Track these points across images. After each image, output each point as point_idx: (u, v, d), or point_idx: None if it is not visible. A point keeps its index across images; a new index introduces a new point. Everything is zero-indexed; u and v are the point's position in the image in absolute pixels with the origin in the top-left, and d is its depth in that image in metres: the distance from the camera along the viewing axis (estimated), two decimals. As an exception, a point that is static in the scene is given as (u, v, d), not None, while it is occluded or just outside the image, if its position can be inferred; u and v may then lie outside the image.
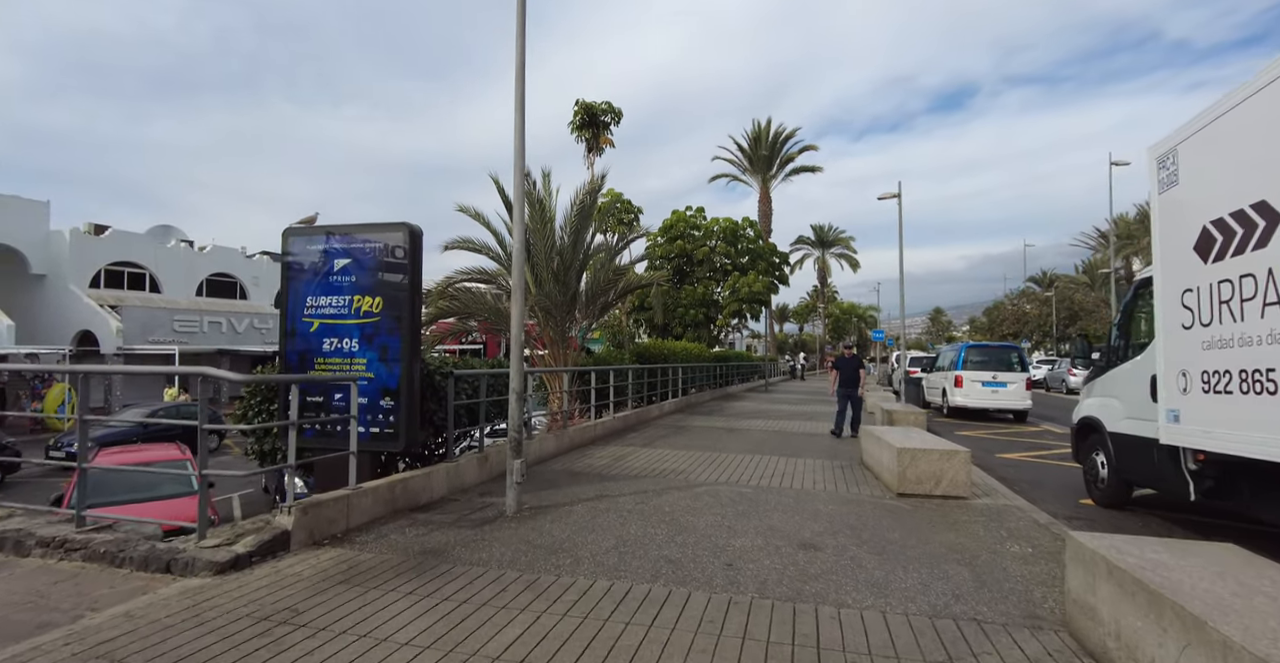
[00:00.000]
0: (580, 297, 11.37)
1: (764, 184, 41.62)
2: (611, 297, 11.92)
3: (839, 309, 78.96)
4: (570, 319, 11.41)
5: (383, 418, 5.75)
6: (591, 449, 9.39)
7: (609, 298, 11.89)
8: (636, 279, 12.02)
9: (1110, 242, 30.59)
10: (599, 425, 10.57)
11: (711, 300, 23.92)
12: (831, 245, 64.68)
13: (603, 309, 12.05)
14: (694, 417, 14.79)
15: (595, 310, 11.83)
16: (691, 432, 11.80)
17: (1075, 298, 40.63)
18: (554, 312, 11.17)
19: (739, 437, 11.26)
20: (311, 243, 6.05)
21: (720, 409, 17.19)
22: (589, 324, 12.21)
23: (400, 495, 5.56)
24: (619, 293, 11.95)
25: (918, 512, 6.01)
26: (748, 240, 24.69)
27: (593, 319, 12.08)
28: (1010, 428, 14.73)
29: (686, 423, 13.32)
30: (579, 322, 11.84)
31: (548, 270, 11.02)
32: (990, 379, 15.85)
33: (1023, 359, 16.16)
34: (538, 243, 11.21)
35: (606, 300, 11.91)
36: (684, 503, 6.05)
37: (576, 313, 11.57)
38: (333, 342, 5.91)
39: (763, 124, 40.78)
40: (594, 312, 11.84)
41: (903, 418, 12.08)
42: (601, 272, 11.55)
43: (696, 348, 20.02)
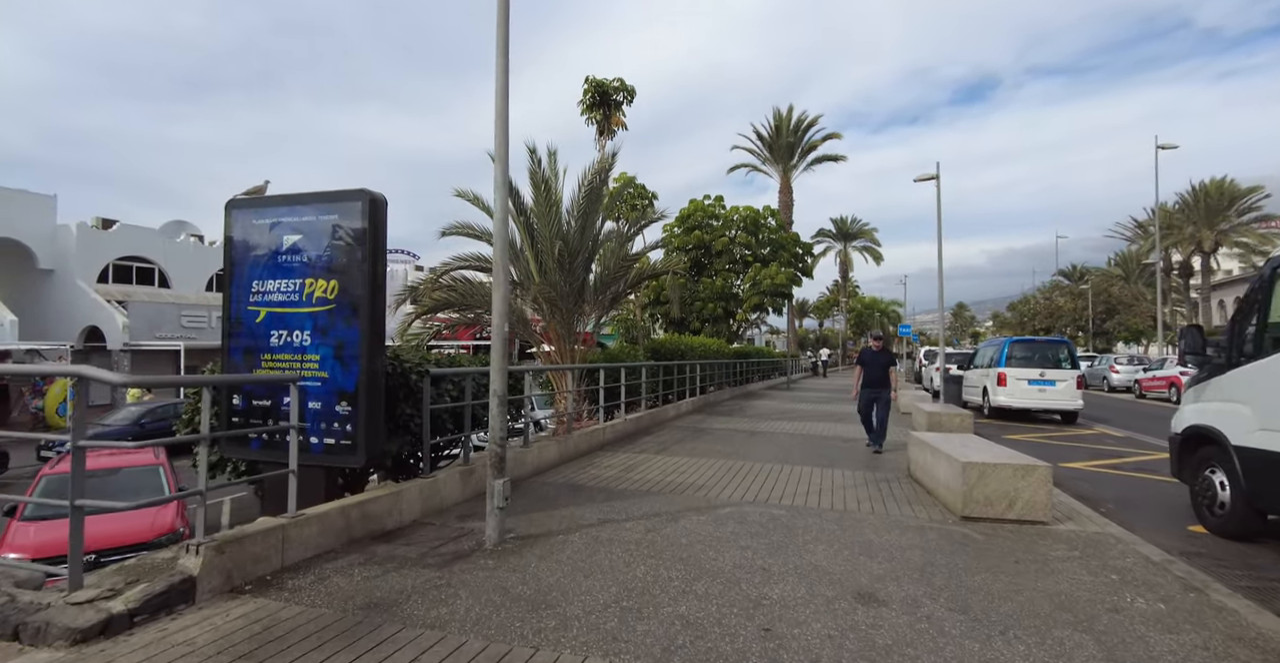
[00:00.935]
0: (589, 287, 10.32)
1: (785, 174, 40.20)
2: (622, 286, 10.83)
3: (860, 304, 77.20)
4: (578, 312, 10.38)
5: (339, 427, 4.75)
6: (600, 456, 8.35)
7: (620, 288, 10.81)
8: (650, 267, 10.93)
9: (1155, 229, 28.78)
10: (609, 428, 9.53)
11: (731, 294, 22.71)
12: (854, 238, 63.01)
13: (613, 300, 10.99)
14: (713, 418, 13.70)
15: (605, 301, 10.77)
16: (711, 435, 10.71)
17: (1112, 291, 38.74)
18: (559, 303, 10.13)
19: (764, 441, 10.15)
20: (259, 216, 5.06)
21: (741, 409, 16.07)
22: (599, 317, 11.16)
23: (357, 522, 4.56)
24: (630, 282, 10.87)
25: (993, 543, 4.88)
26: (769, 230, 23.42)
27: (603, 311, 11.02)
28: (1062, 431, 13.43)
29: (705, 425, 12.23)
30: (588, 314, 10.80)
31: (552, 257, 9.98)
32: (1037, 377, 14.53)
33: (1073, 355, 14.80)
34: (541, 228, 10.19)
35: (618, 290, 10.83)
36: (704, 531, 4.98)
37: (585, 305, 10.52)
38: (281, 334, 4.92)
39: (784, 111, 39.35)
40: (604, 303, 10.78)
41: (947, 422, 10.89)
42: (611, 258, 10.49)
43: (715, 343, 18.90)
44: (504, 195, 4.91)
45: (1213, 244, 42.52)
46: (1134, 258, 55.95)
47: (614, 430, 9.69)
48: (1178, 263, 50.17)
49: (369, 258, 4.76)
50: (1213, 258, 45.68)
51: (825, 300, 76.21)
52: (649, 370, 12.27)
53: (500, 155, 4.78)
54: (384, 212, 4.88)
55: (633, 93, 14.88)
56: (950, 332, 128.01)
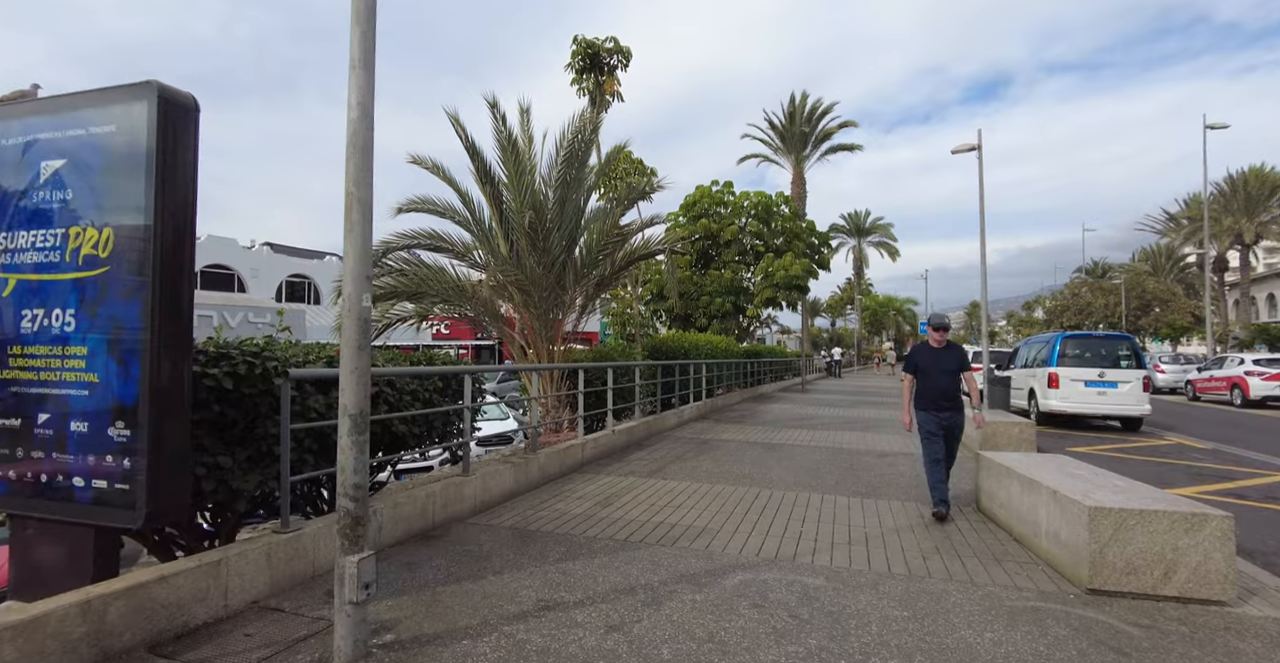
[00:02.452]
0: (569, 268, 8.51)
1: (798, 165, 38.24)
2: (610, 269, 8.97)
3: (875, 303, 75.04)
4: (555, 300, 8.58)
5: (112, 462, 2.97)
6: (573, 482, 6.55)
7: (607, 270, 8.96)
8: (644, 247, 9.07)
9: (1204, 214, 26.57)
10: (590, 443, 7.71)
11: (740, 287, 20.80)
12: (868, 233, 60.92)
13: (600, 286, 9.15)
14: (721, 425, 11.86)
15: (589, 287, 8.95)
16: (717, 450, 8.88)
17: (1147, 285, 36.47)
18: (533, 290, 8.34)
19: (782, 459, 8.30)
20: (6, 132, 3.29)
21: (753, 415, 14.21)
22: (585, 307, 9.35)
23: (124, 621, 2.77)
24: (620, 264, 9.02)
25: (1162, 645, 3.03)
26: (782, 219, 21.49)
27: (587, 300, 9.21)
28: (1130, 441, 11.48)
29: (711, 435, 10.40)
30: (569, 304, 8.99)
31: (524, 234, 8.19)
32: (1096, 378, 12.56)
33: (1137, 352, 12.82)
34: (512, 199, 8.40)
35: (604, 273, 8.99)
36: (701, 627, 3.16)
37: (565, 292, 8.72)
38: (35, 315, 3.15)
39: (798, 98, 37.40)
40: (587, 288, 8.96)
41: (1002, 433, 8.99)
42: (595, 231, 8.64)
43: (723, 342, 17.06)
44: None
45: (1254, 236, 40.14)
46: (1162, 252, 53.49)
47: (597, 446, 7.87)
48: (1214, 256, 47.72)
49: (161, 190, 2.97)
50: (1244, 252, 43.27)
51: (838, 299, 74.09)
52: (644, 372, 10.46)
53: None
54: (190, 119, 3.09)
55: (628, 55, 13.06)
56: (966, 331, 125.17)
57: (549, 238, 8.15)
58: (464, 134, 8.41)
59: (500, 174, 8.62)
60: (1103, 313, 35.05)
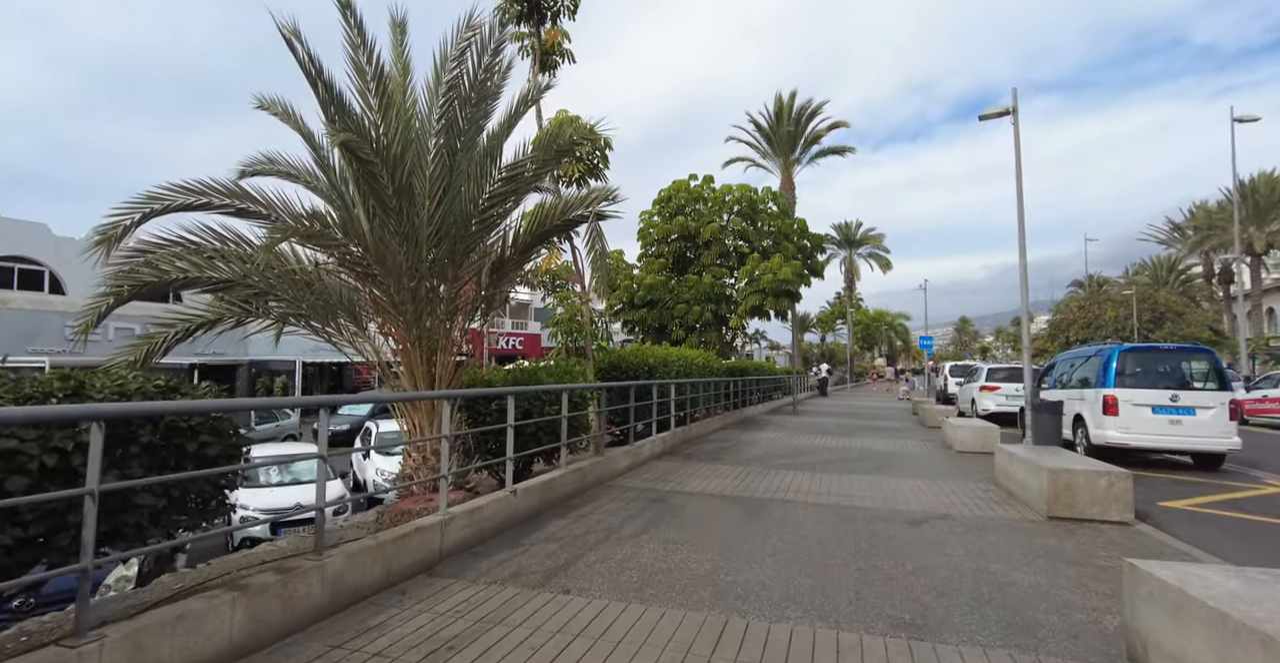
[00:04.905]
0: (446, 245, 5.69)
1: (786, 169, 35.89)
2: (506, 246, 6.08)
3: (866, 318, 72.95)
4: (430, 294, 5.76)
5: None
6: (398, 604, 3.72)
7: (501, 247, 6.11)
8: (560, 211, 6.12)
9: (1235, 221, 24.26)
10: (461, 519, 4.87)
11: (722, 294, 18.07)
12: (859, 245, 58.82)
13: (498, 272, 6.23)
14: (691, 466, 9.05)
15: (481, 275, 6.11)
16: (675, 516, 6.07)
17: (1159, 297, 34.21)
18: (386, 276, 5.53)
19: (769, 534, 5.50)
20: None
21: (734, 448, 11.41)
22: (484, 304, 6.53)
23: None
24: (525, 239, 6.12)
25: None
26: (770, 217, 18.89)
27: (487, 293, 6.35)
28: (1228, 489, 8.79)
29: (673, 485, 7.59)
30: (460, 301, 6.19)
31: (395, 194, 5.40)
32: (1167, 403, 9.89)
33: (1219, 369, 10.17)
34: (368, 147, 5.60)
35: (499, 252, 6.12)
36: None
37: (447, 282, 5.90)
38: None
39: (785, 98, 35.15)
40: (479, 277, 6.13)
41: (1085, 486, 6.23)
42: (472, 171, 5.74)
43: (701, 357, 14.31)
44: None
45: (1265, 245, 38.18)
46: (1163, 264, 51.58)
47: (477, 519, 5.03)
48: (1219, 268, 45.81)
49: None
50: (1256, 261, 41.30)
51: (828, 313, 71.84)
52: (582, 397, 7.64)
53: None
54: None
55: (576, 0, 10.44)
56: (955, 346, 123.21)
57: (413, 200, 5.36)
58: (302, 50, 5.62)
59: (359, 109, 5.86)
60: (1113, 326, 32.69)
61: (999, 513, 6.56)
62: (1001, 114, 9.96)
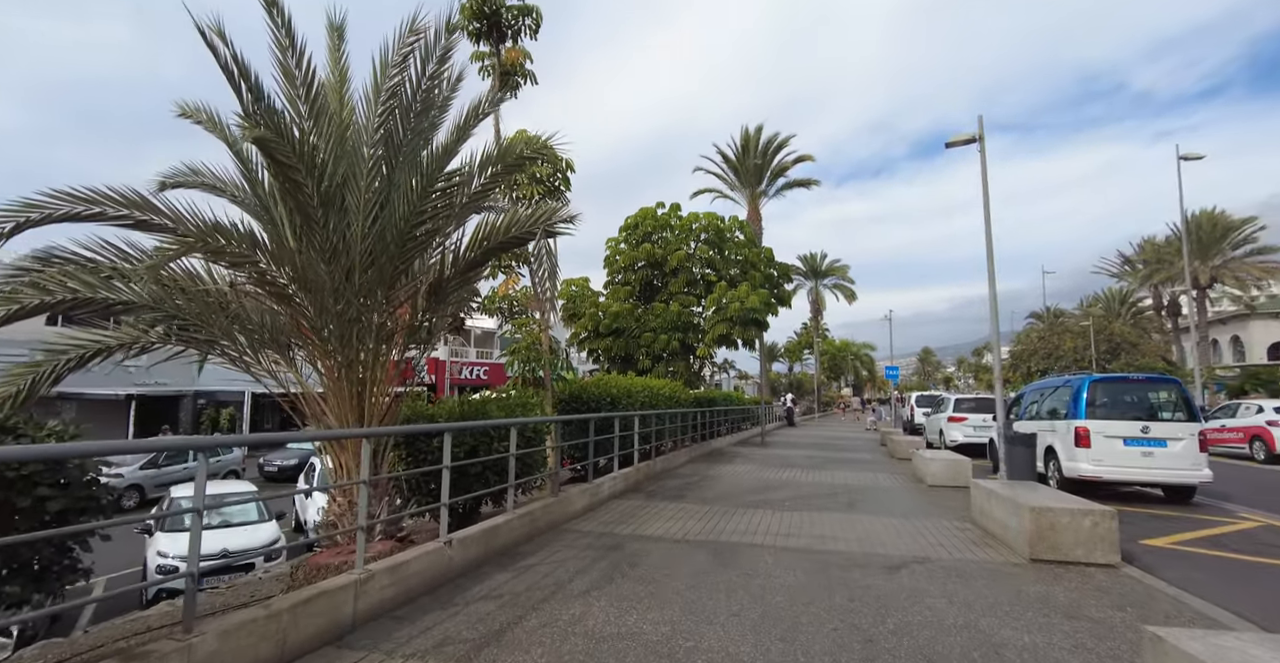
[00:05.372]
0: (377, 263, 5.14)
1: (753, 201, 36.24)
2: (447, 264, 5.55)
3: (833, 347, 73.77)
4: (358, 317, 5.18)
5: None
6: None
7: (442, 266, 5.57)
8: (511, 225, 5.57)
9: (1185, 254, 25.03)
10: (383, 577, 4.24)
11: (689, 323, 17.72)
12: (825, 276, 59.53)
13: (435, 294, 5.63)
14: (653, 506, 8.47)
15: (418, 295, 5.56)
16: (632, 567, 5.49)
17: (1115, 328, 35.10)
18: (306, 298, 4.96)
19: (734, 588, 4.96)
20: None
21: (701, 484, 10.87)
22: (423, 330, 5.96)
23: None
24: (470, 257, 5.58)
25: None
26: (737, 246, 18.75)
27: (424, 317, 5.78)
28: (1205, 524, 8.56)
29: (633, 528, 7.00)
30: (394, 326, 5.62)
31: (322, 205, 4.86)
32: (1138, 434, 9.72)
33: (1187, 400, 10.07)
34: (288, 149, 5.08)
35: (438, 271, 5.58)
36: None
37: (377, 306, 5.34)
38: None
39: (752, 130, 35.70)
40: (415, 298, 5.57)
41: (1068, 527, 5.85)
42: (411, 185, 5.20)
43: (668, 387, 13.84)
44: None
45: (1209, 279, 39.68)
46: (1116, 297, 53.28)
47: (403, 575, 4.38)
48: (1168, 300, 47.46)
49: None
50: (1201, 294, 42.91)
51: (795, 343, 72.35)
52: (528, 434, 7.05)
53: None
54: None
55: (538, 19, 10.18)
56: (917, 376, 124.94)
57: (344, 214, 4.83)
58: (226, 51, 5.10)
59: (290, 116, 5.34)
60: (1072, 356, 33.33)
61: (980, 556, 6.15)
62: (968, 141, 9.93)
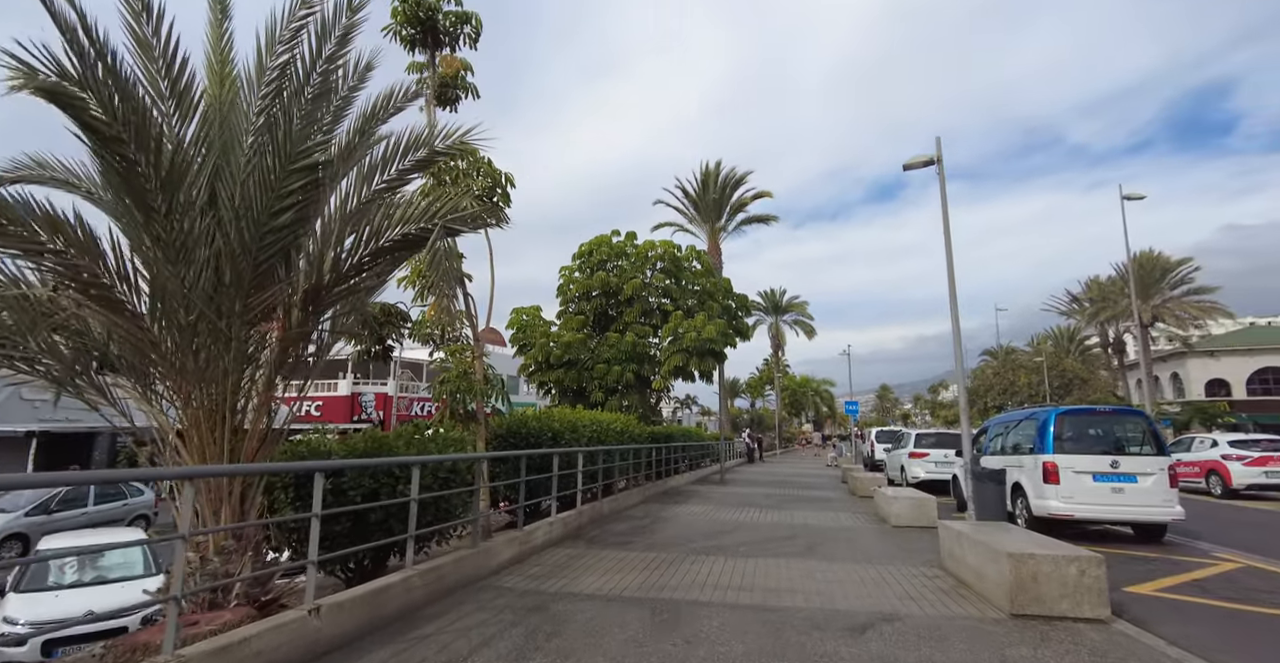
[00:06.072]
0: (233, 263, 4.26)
1: (713, 235, 36.30)
2: (326, 265, 4.62)
3: (794, 383, 74.05)
4: (214, 329, 4.27)
5: None
6: None
7: (322, 265, 4.65)
8: (401, 211, 4.69)
9: (1131, 292, 25.72)
10: (232, 655, 3.26)
11: (645, 354, 17.01)
12: (785, 312, 59.90)
13: (314, 301, 4.66)
14: (594, 553, 7.53)
15: (291, 304, 4.65)
16: (550, 638, 4.56)
17: (1065, 364, 35.78)
18: (176, 304, 4.05)
19: (677, 659, 4.10)
20: None
21: (651, 528, 9.96)
22: (308, 346, 5.05)
23: None
24: (359, 251, 4.68)
25: None
26: (694, 276, 18.27)
27: (308, 328, 4.85)
28: (1184, 568, 8.03)
29: (564, 583, 6.05)
30: (256, 343, 4.71)
31: (162, 189, 4.00)
32: (1107, 469, 9.25)
33: (1155, 433, 9.70)
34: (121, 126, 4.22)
35: (320, 275, 4.66)
36: None
37: (235, 316, 4.44)
38: None
39: (712, 165, 35.98)
40: (288, 308, 4.66)
41: (1050, 576, 5.18)
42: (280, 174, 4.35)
43: (619, 422, 13.00)
44: None
45: (1150, 317, 41.08)
46: (1065, 334, 54.87)
47: (250, 655, 3.41)
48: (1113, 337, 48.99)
49: None
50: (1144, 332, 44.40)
51: (757, 379, 72.32)
52: (442, 474, 6.12)
53: None
54: None
55: (478, 27, 9.64)
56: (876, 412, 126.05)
57: (190, 199, 3.98)
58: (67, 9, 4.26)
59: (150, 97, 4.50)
60: (1027, 391, 33.70)
61: (955, 610, 5.41)
62: (926, 163, 9.64)
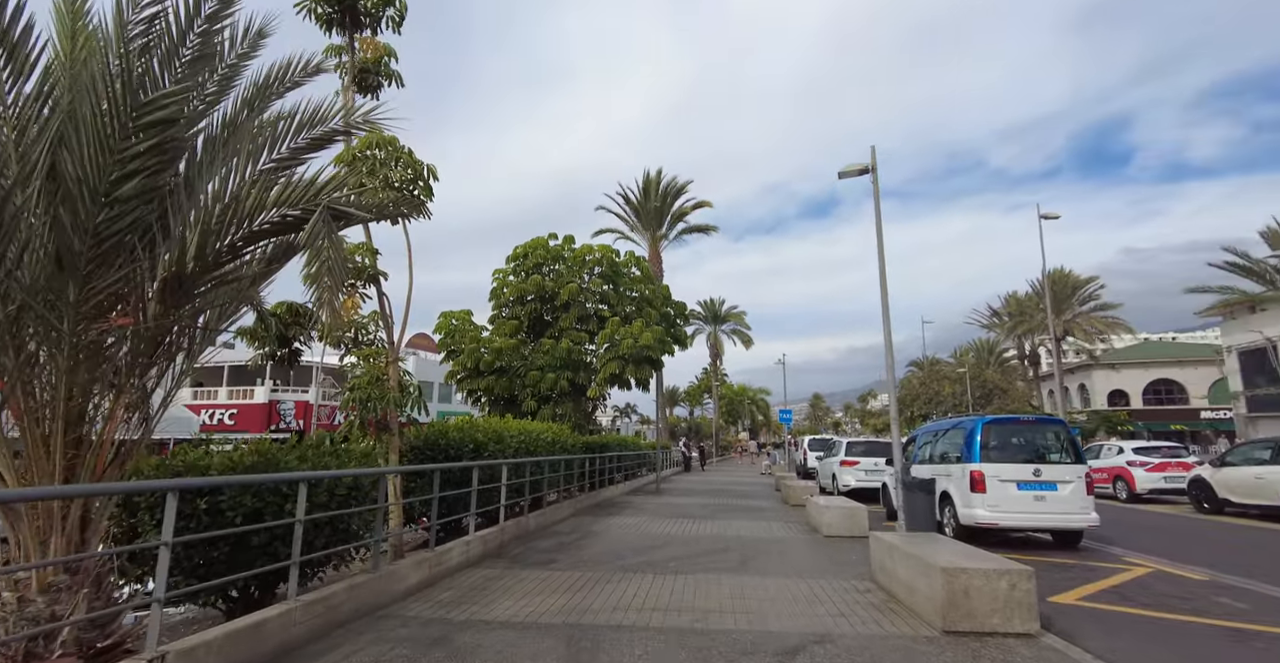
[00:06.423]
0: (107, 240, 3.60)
1: (654, 243, 36.17)
2: (175, 249, 3.98)
3: (731, 392, 74.96)
4: (63, 313, 3.58)
5: None
6: None
7: (185, 254, 4.01)
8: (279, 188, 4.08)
9: (1048, 307, 27.14)
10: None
11: (581, 361, 16.51)
12: (723, 321, 60.58)
13: (175, 286, 4.00)
14: (515, 574, 6.99)
15: (156, 282, 3.99)
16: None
17: (986, 375, 37.46)
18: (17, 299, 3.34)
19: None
20: None
21: (579, 542, 9.48)
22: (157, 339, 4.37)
23: None
24: (231, 240, 4.05)
25: None
26: (633, 282, 17.94)
27: (168, 320, 4.19)
28: (1099, 573, 8.17)
29: (473, 611, 5.51)
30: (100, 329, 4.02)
31: None
32: (1030, 478, 9.42)
33: (1074, 441, 9.96)
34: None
35: (179, 263, 3.99)
36: None
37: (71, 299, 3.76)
38: None
39: (653, 174, 35.96)
40: (147, 287, 3.99)
41: (981, 590, 5.04)
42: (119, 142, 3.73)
43: (550, 431, 12.47)
44: None
45: (1062, 331, 43.64)
46: (985, 347, 57.71)
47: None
48: (1029, 350, 51.79)
49: None
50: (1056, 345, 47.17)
51: (696, 388, 72.81)
52: (339, 491, 5.50)
53: None
54: None
55: (403, 9, 9.03)
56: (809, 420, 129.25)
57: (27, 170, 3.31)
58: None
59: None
60: (951, 401, 35.03)
61: (887, 628, 5.20)
62: (861, 171, 9.65)
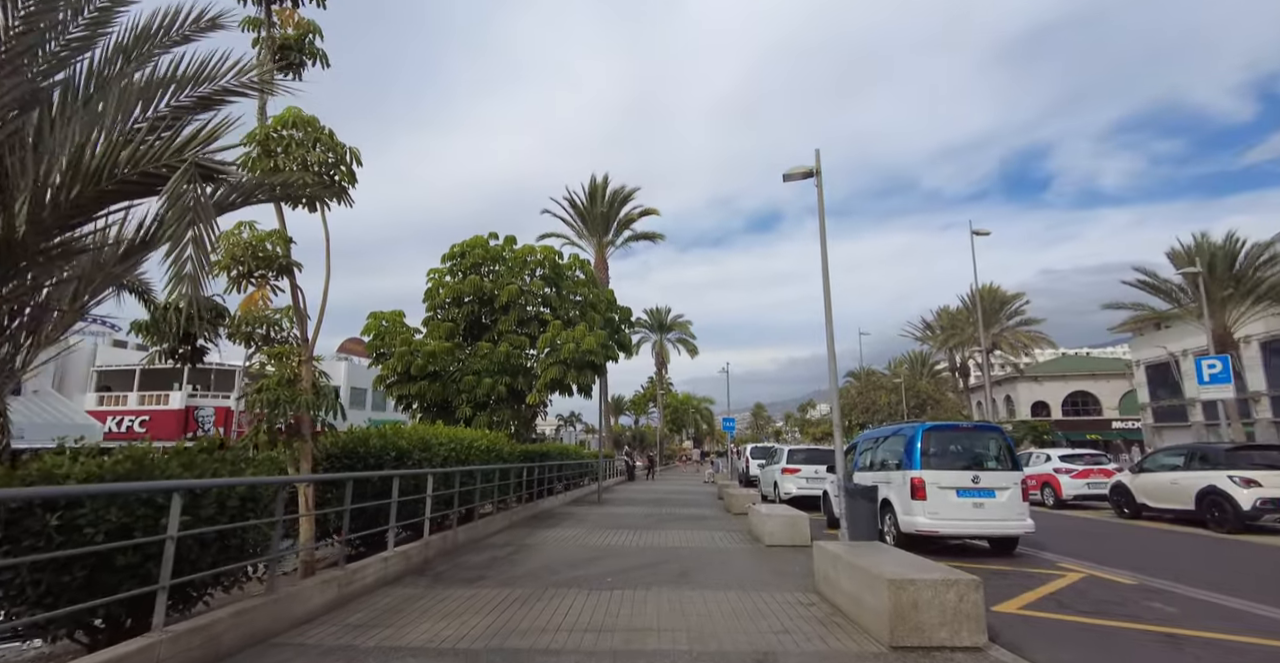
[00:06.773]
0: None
1: (600, 250, 35.82)
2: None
3: (676, 401, 75.06)
4: None
5: None
6: None
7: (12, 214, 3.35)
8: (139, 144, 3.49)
9: (979, 320, 28.17)
10: None
11: (520, 367, 15.84)
12: (669, 330, 60.63)
13: (4, 252, 3.35)
14: (437, 593, 6.39)
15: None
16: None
17: (920, 386, 38.65)
18: None
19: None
20: None
21: (510, 558, 8.91)
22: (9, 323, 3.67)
23: None
24: (82, 196, 3.43)
25: None
26: (576, 285, 17.43)
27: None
28: (1037, 580, 8.18)
29: (384, 637, 4.90)
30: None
31: None
32: (969, 484, 9.44)
33: (1010, 448, 10.06)
34: None
35: (8, 225, 3.36)
36: None
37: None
38: None
39: (600, 178, 35.65)
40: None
41: (929, 603, 4.82)
42: None
43: (485, 439, 11.82)
44: None
45: (990, 344, 45.63)
46: (919, 358, 59.77)
47: None
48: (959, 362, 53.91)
49: None
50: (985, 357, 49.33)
51: (641, 396, 72.56)
52: (231, 502, 4.83)
53: None
54: None
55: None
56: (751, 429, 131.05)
57: None
58: None
59: None
60: (887, 410, 35.93)
61: (833, 644, 4.91)
62: (805, 175, 9.55)
